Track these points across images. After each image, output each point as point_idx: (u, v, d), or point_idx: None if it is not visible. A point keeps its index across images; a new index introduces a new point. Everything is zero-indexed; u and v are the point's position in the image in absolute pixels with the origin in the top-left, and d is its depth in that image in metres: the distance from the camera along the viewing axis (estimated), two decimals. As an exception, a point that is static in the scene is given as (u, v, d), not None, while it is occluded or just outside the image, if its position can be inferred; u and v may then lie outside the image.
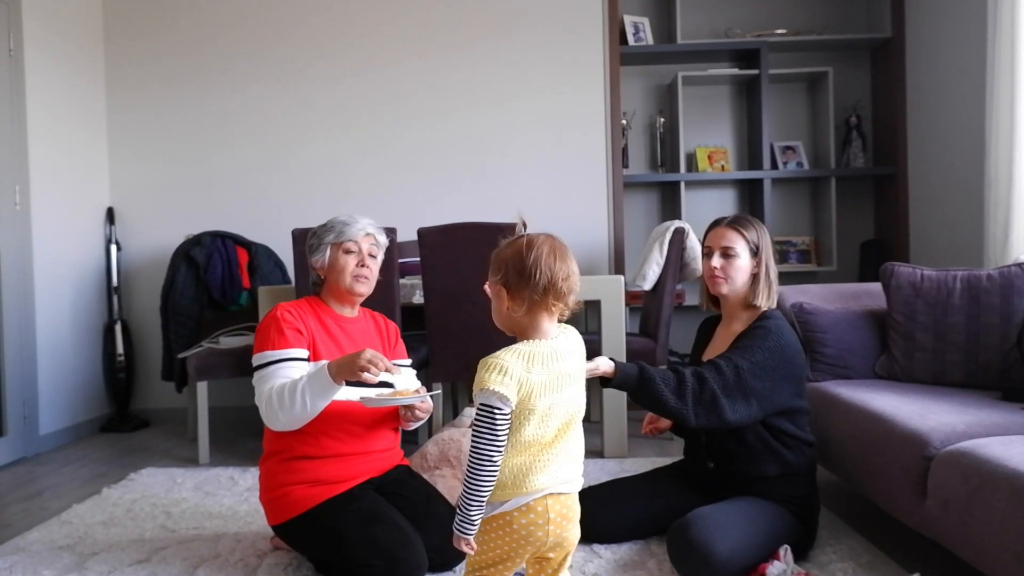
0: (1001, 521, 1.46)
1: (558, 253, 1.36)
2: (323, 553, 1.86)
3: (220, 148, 4.19)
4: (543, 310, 1.35)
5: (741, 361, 1.84)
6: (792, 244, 4.37)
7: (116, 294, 4.05)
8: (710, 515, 1.82)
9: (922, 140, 3.99)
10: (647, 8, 4.39)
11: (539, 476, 1.32)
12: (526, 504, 1.32)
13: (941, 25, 3.78)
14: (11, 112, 3.41)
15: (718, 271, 2.00)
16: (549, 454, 1.34)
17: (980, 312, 2.28)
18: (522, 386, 1.28)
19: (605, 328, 3.06)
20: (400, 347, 2.18)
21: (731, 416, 1.81)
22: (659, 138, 4.38)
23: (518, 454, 1.32)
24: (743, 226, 2.01)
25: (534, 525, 1.32)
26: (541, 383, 1.30)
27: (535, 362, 1.31)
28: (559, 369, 1.34)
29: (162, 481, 2.87)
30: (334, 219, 2.05)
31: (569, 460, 1.37)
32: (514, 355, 1.30)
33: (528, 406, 1.30)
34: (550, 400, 1.32)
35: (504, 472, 1.32)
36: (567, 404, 1.36)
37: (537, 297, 1.34)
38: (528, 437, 1.32)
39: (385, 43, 4.16)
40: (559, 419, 1.34)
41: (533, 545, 1.34)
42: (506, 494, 1.33)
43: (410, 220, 3.60)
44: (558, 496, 1.34)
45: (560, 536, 1.35)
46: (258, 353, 1.91)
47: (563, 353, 1.36)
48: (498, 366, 1.28)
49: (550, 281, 1.33)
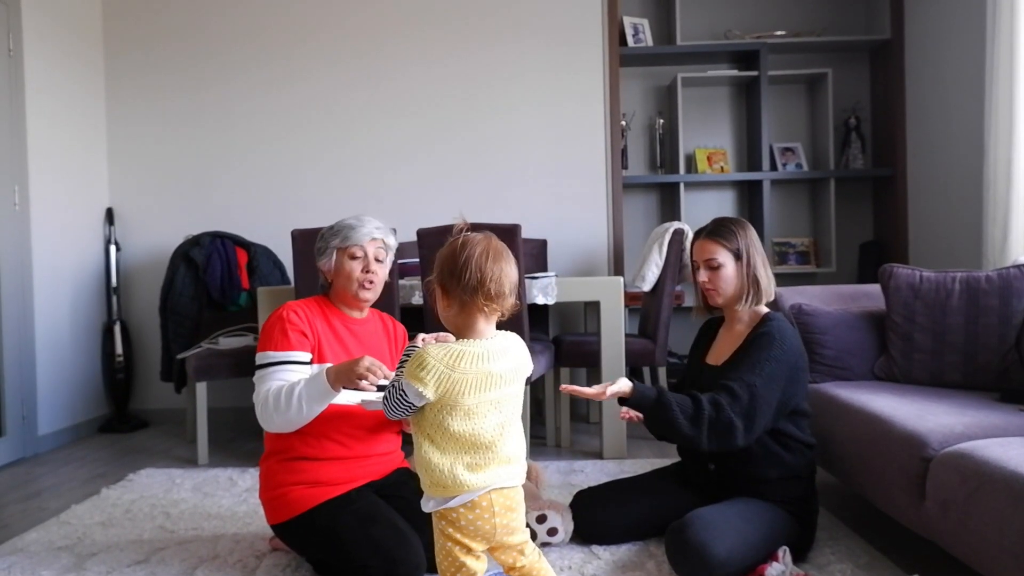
0: (999, 522, 1.46)
1: (492, 254, 1.36)
2: (322, 553, 1.86)
3: (219, 148, 4.19)
4: (475, 311, 1.37)
5: (753, 378, 1.84)
6: (791, 245, 4.37)
7: (115, 294, 4.05)
8: (708, 516, 1.82)
9: (921, 142, 4.00)
10: (647, 9, 4.40)
11: (479, 475, 1.36)
12: (471, 500, 1.36)
13: (940, 27, 3.79)
14: (10, 112, 3.41)
15: (708, 284, 2.02)
16: (488, 455, 1.37)
17: (979, 314, 2.28)
18: (441, 383, 1.33)
19: (604, 329, 3.06)
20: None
21: (743, 441, 1.83)
22: (658, 139, 4.38)
23: (453, 451, 1.36)
24: (723, 236, 2.01)
25: (481, 520, 1.37)
26: (466, 381, 1.33)
27: (462, 360, 1.34)
28: (488, 369, 1.36)
29: (161, 482, 2.87)
30: (341, 222, 2.02)
31: (511, 461, 1.41)
32: (442, 352, 1.34)
33: (450, 401, 1.34)
34: (476, 398, 1.35)
35: (443, 471, 1.36)
36: (499, 404, 1.38)
37: (467, 297, 1.36)
38: (457, 431, 1.35)
39: (384, 42, 4.16)
40: (493, 419, 1.37)
41: (483, 537, 1.38)
42: (448, 492, 1.37)
43: (409, 221, 3.60)
44: (501, 490, 1.38)
45: (508, 526, 1.39)
46: (261, 352, 1.91)
47: (494, 353, 1.38)
48: (421, 362, 1.33)
49: (479, 281, 1.34)
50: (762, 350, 1.88)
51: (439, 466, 1.36)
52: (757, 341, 1.92)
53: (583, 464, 2.96)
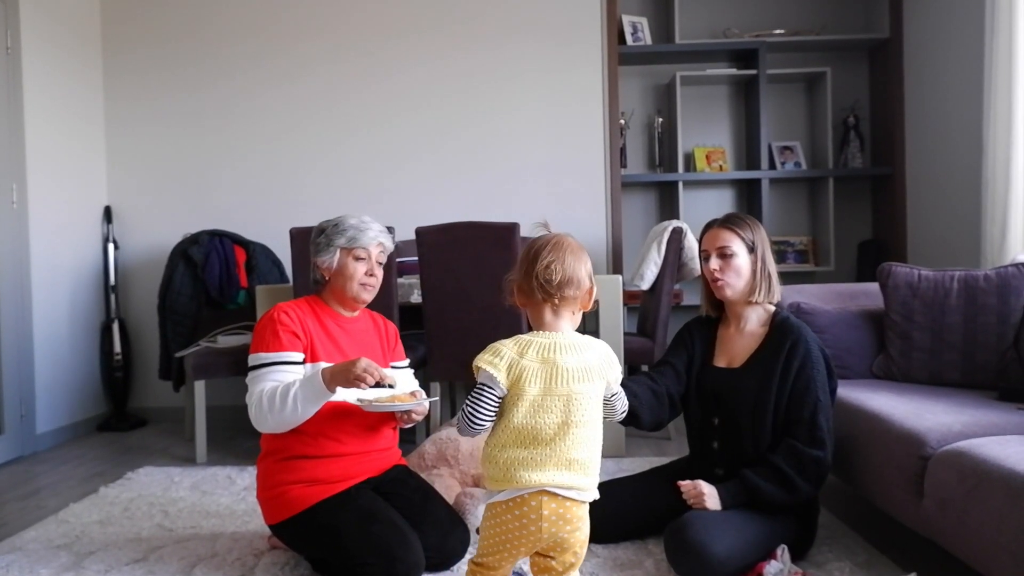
0: (997, 520, 1.46)
1: (562, 251, 1.41)
2: (320, 552, 1.86)
3: (218, 147, 4.18)
4: (544, 306, 1.42)
5: (808, 411, 1.86)
6: (790, 244, 4.37)
7: (113, 293, 4.05)
8: (707, 515, 1.82)
9: (920, 140, 4.00)
10: (645, 8, 4.40)
11: (532, 473, 1.34)
12: (520, 497, 1.35)
13: (939, 26, 3.79)
14: (8, 110, 3.40)
15: (718, 273, 1.98)
16: (545, 452, 1.35)
17: (977, 312, 2.28)
18: (512, 368, 1.37)
19: (603, 328, 3.06)
20: (399, 349, 2.18)
21: (830, 459, 1.87)
22: (657, 138, 4.38)
23: (511, 445, 1.36)
24: (737, 225, 2.00)
25: (527, 519, 1.34)
26: (532, 369, 1.36)
27: (530, 349, 1.39)
28: (554, 360, 1.37)
29: (159, 480, 2.87)
30: (345, 220, 2.01)
31: (573, 466, 1.36)
32: (512, 341, 1.41)
33: (518, 389, 1.36)
34: (541, 387, 1.36)
35: (498, 464, 1.36)
36: (567, 401, 1.36)
37: (538, 294, 1.41)
38: (520, 423, 1.35)
39: (383, 41, 4.16)
40: (556, 414, 1.36)
41: (528, 539, 1.36)
42: (499, 485, 1.37)
43: (408, 219, 3.59)
44: (555, 496, 1.35)
45: (556, 536, 1.36)
46: (253, 354, 1.92)
47: (564, 347, 1.39)
48: (493, 348, 1.40)
49: (546, 279, 1.39)
50: (804, 373, 1.88)
51: (496, 459, 1.37)
52: (792, 366, 1.89)
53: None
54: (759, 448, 1.92)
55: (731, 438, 1.97)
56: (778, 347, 1.93)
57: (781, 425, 1.91)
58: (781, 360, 1.91)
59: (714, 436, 2.02)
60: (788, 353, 1.91)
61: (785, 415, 1.90)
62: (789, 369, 1.90)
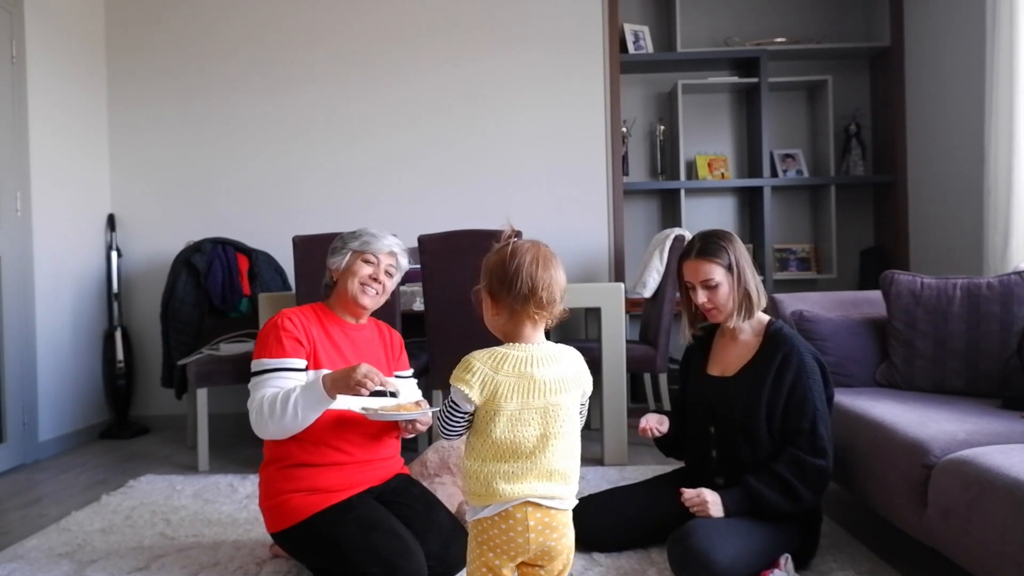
0: (1001, 530, 1.46)
1: (542, 261, 1.37)
2: (322, 561, 1.86)
3: (221, 155, 4.20)
4: (525, 318, 1.37)
5: (808, 421, 1.87)
6: (792, 252, 4.37)
7: (116, 300, 4.06)
8: (711, 523, 1.82)
9: (921, 148, 4.00)
10: (647, 16, 4.41)
11: (513, 485, 1.33)
12: (505, 511, 1.33)
13: (940, 34, 3.79)
14: (13, 118, 3.42)
15: (708, 304, 1.99)
16: (526, 465, 1.34)
17: (980, 320, 2.28)
18: (485, 384, 1.33)
19: (605, 335, 3.06)
20: (403, 358, 2.18)
21: (831, 467, 1.89)
22: (659, 146, 4.39)
23: (492, 459, 1.34)
24: (714, 254, 1.98)
25: (513, 531, 1.33)
26: (508, 384, 1.33)
27: (505, 363, 1.34)
28: (531, 373, 1.34)
29: (161, 488, 2.87)
30: (364, 229, 2.07)
31: (554, 477, 1.35)
32: (485, 355, 1.36)
33: (494, 405, 1.33)
34: (518, 402, 1.33)
35: (479, 478, 1.35)
36: (545, 413, 1.35)
37: (518, 306, 1.35)
38: (499, 438, 1.33)
39: (386, 50, 4.18)
40: (535, 427, 1.34)
41: (515, 551, 1.35)
42: (482, 500, 1.35)
43: (411, 227, 3.60)
44: (539, 506, 1.34)
45: (544, 545, 1.35)
46: (256, 360, 1.92)
47: (540, 359, 1.36)
48: (466, 364, 1.36)
49: (531, 290, 1.34)
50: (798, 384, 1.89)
51: (477, 474, 1.35)
52: (786, 378, 1.90)
53: (584, 471, 2.95)
54: (757, 457, 1.92)
55: (728, 447, 1.97)
56: (770, 358, 1.93)
57: (778, 435, 1.91)
58: (772, 371, 1.91)
59: (712, 445, 2.02)
60: (780, 365, 1.91)
61: (785, 426, 1.90)
62: (781, 381, 1.90)
